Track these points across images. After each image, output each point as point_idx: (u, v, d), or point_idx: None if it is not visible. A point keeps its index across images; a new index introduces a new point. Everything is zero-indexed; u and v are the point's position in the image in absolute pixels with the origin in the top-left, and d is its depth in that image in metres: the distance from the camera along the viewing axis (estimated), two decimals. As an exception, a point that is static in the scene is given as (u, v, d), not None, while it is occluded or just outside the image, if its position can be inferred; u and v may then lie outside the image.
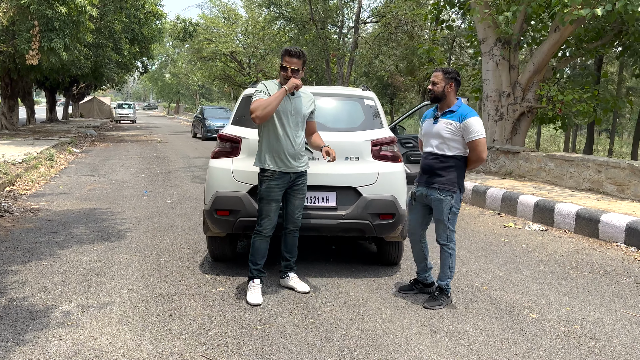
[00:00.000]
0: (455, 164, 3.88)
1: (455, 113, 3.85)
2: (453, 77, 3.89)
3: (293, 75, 3.91)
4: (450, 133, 3.83)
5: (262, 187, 3.98)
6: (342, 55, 18.47)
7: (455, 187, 3.88)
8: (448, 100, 3.91)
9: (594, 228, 6.06)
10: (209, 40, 29.22)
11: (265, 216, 3.99)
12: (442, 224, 3.92)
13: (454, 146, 3.86)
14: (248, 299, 3.91)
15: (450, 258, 3.93)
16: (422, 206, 4.08)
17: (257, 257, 4.06)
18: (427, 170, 3.98)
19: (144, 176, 10.97)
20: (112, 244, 5.56)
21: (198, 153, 16.50)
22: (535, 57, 10.21)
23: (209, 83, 55.68)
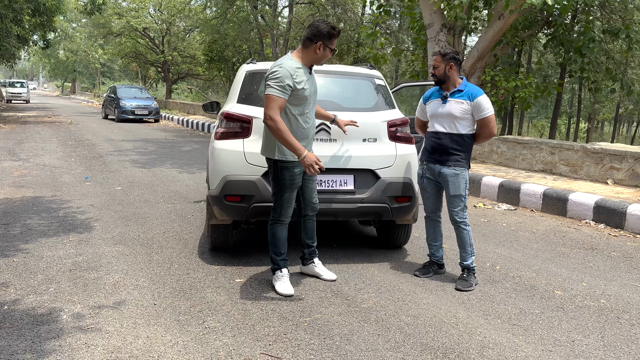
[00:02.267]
0: (466, 141, 3.94)
1: (464, 92, 3.88)
2: (452, 57, 3.90)
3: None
4: (462, 112, 3.87)
5: (283, 176, 3.59)
6: (278, 35, 18.02)
7: (467, 162, 3.97)
8: (452, 80, 3.92)
9: (562, 207, 6.41)
10: (119, 15, 27.30)
11: (288, 205, 3.69)
12: (459, 199, 3.93)
13: (465, 124, 3.91)
14: (279, 290, 3.66)
15: (468, 235, 3.96)
16: (434, 183, 4.07)
17: (281, 247, 3.79)
18: (439, 149, 3.97)
19: (74, 161, 10.05)
20: (83, 236, 4.99)
21: (121, 136, 15.44)
22: (479, 44, 10.56)
23: (111, 61, 52.28)
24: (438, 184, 4.05)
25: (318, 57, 3.56)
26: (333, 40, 3.54)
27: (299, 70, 3.48)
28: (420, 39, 12.66)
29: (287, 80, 3.39)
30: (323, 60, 3.60)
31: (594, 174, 7.42)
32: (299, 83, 3.44)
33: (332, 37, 3.53)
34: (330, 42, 3.53)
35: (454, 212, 3.96)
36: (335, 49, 3.61)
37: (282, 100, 3.40)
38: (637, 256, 4.87)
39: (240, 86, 4.40)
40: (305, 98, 3.53)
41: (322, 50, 3.52)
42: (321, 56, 3.55)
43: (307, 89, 3.50)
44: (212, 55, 23.52)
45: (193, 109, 24.90)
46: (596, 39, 10.89)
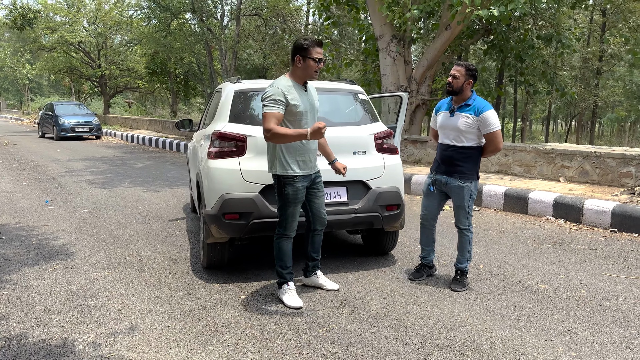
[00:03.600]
0: (472, 154, 4.13)
1: (472, 107, 4.08)
2: (473, 75, 4.09)
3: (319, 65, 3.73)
4: (467, 126, 4.05)
5: (287, 191, 3.72)
6: (228, 47, 17.95)
7: (474, 175, 4.16)
8: (464, 94, 4.11)
9: (523, 205, 6.87)
10: (51, 29, 26.24)
11: (292, 219, 3.81)
12: (463, 210, 4.16)
13: (470, 138, 4.09)
14: (289, 303, 3.77)
15: (469, 241, 4.20)
16: (440, 193, 4.29)
17: (287, 260, 3.90)
18: (446, 161, 4.18)
19: (27, 184, 9.65)
20: (67, 263, 4.89)
21: (66, 155, 14.88)
22: (428, 53, 11.06)
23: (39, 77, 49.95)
24: (444, 194, 4.27)
25: (304, 70, 3.67)
26: (310, 50, 3.61)
27: (290, 87, 3.64)
28: (369, 49, 13.07)
29: (279, 96, 3.57)
30: (311, 72, 3.67)
31: (547, 172, 7.97)
32: (291, 99, 3.60)
33: (308, 48, 3.61)
34: (307, 52, 3.61)
35: (458, 220, 4.20)
36: (320, 58, 3.67)
37: (277, 113, 3.54)
38: (600, 248, 5.32)
39: (231, 105, 4.47)
40: (300, 113, 3.66)
41: (303, 62, 3.64)
42: (306, 68, 3.65)
43: (300, 105, 3.64)
44: (154, 67, 23.07)
45: (136, 124, 24.30)
46: (535, 45, 11.65)
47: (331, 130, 4.38)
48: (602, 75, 21.99)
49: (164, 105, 35.85)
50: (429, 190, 4.35)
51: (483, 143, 4.13)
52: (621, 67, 23.24)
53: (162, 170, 11.77)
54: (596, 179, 7.42)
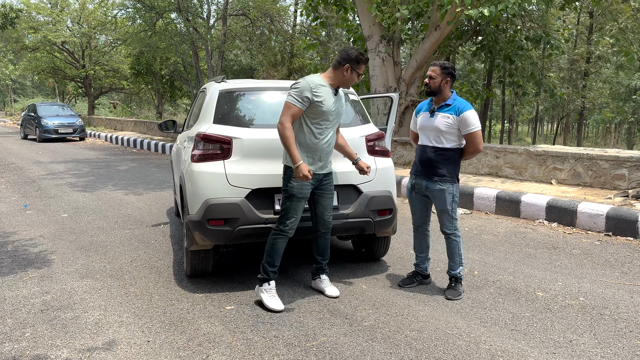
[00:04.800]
0: (452, 155, 3.99)
1: (452, 106, 3.94)
2: (450, 72, 3.96)
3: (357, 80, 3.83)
4: (447, 126, 3.91)
5: (292, 184, 3.68)
6: (214, 48, 17.67)
7: (455, 178, 4.01)
8: (444, 94, 3.98)
9: (515, 208, 6.74)
10: (34, 29, 25.76)
11: (293, 215, 3.72)
12: (446, 214, 4.01)
13: (450, 139, 3.95)
14: (269, 304, 3.69)
15: (458, 246, 4.05)
16: (422, 197, 4.14)
17: (276, 259, 3.81)
18: (425, 163, 4.03)
19: (5, 187, 9.35)
20: (43, 271, 4.65)
21: (48, 157, 14.53)
22: (417, 54, 10.93)
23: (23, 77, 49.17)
24: (426, 197, 4.12)
25: (345, 80, 3.74)
26: (361, 65, 3.73)
27: (321, 87, 3.66)
28: (357, 49, 12.89)
29: (306, 92, 3.59)
30: (350, 83, 3.78)
31: (538, 175, 7.86)
32: (317, 96, 3.61)
33: (360, 62, 3.72)
34: (358, 66, 3.72)
35: (442, 224, 4.04)
36: (361, 74, 3.80)
37: (296, 109, 3.58)
38: (596, 252, 5.19)
39: (216, 106, 4.27)
40: (323, 113, 3.67)
41: (349, 73, 3.71)
42: (348, 79, 3.74)
43: (324, 105, 3.64)
44: (140, 68, 22.72)
45: (121, 125, 23.92)
46: (524, 46, 11.58)
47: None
48: (589, 77, 22.08)
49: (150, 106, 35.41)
50: (409, 194, 4.21)
51: (463, 144, 3.99)
52: (607, 69, 23.37)
53: (147, 173, 11.50)
54: (589, 181, 7.32)
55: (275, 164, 4.02)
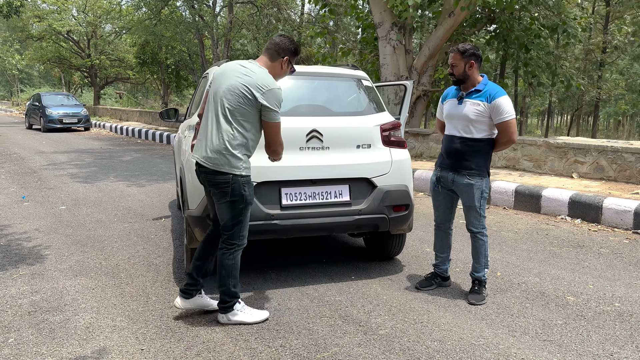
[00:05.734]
0: (482, 147, 3.62)
1: (483, 92, 3.56)
2: (472, 54, 3.57)
3: None
4: (477, 115, 3.55)
5: (247, 192, 3.12)
6: (219, 36, 17.30)
7: (484, 171, 3.65)
8: (472, 79, 3.60)
9: (536, 203, 6.38)
10: (39, 18, 25.46)
11: (247, 224, 3.23)
12: (473, 210, 3.66)
13: (481, 128, 3.58)
14: (255, 319, 3.27)
15: (484, 246, 3.70)
16: (447, 192, 3.79)
17: (237, 275, 3.25)
18: (453, 155, 3.68)
19: (5, 178, 9.08)
20: (35, 268, 4.36)
21: (51, 147, 14.28)
22: (430, 42, 10.53)
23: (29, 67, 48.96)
24: (452, 192, 3.78)
25: (281, 73, 3.28)
26: (292, 59, 3.29)
27: None
28: (366, 38, 12.52)
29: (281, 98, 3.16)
30: (281, 78, 3.33)
31: (558, 168, 7.48)
32: None
33: (297, 55, 3.32)
34: (294, 59, 3.32)
35: (469, 222, 3.70)
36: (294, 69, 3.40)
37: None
38: (625, 252, 4.84)
39: (217, 92, 3.93)
40: None
41: (286, 67, 3.27)
42: (283, 73, 3.29)
43: None
44: (145, 57, 22.39)
45: (126, 115, 23.65)
46: (541, 34, 11.14)
47: (331, 121, 3.87)
48: (604, 67, 21.53)
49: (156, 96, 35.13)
50: (434, 189, 3.85)
51: (495, 135, 3.62)
52: (622, 61, 22.78)
53: (150, 164, 11.21)
54: (613, 175, 6.94)
55: (282, 155, 3.70)
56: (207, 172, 3.11)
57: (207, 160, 3.08)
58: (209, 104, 3.16)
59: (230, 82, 3.07)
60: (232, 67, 3.16)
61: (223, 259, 3.20)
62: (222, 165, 3.05)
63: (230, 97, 3.05)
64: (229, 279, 3.21)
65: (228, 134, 3.04)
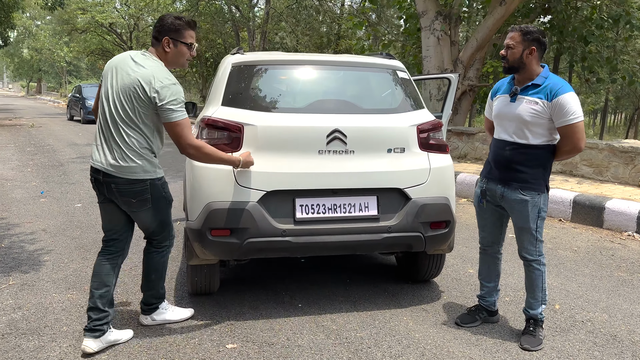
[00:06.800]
0: (540, 155, 2.91)
1: (542, 88, 2.85)
2: (536, 39, 2.86)
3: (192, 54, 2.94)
4: (534, 115, 2.84)
5: (166, 192, 2.96)
6: (256, 27, 16.88)
7: (542, 185, 2.95)
8: (529, 70, 2.89)
9: (597, 216, 5.56)
10: (83, 10, 25.73)
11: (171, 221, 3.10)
12: (528, 233, 2.97)
13: (538, 132, 2.88)
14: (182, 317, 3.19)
15: (541, 277, 3.01)
16: (495, 208, 3.10)
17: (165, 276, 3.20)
18: (503, 164, 2.99)
19: (30, 171, 8.85)
20: (28, 277, 3.93)
21: (86, 139, 14.18)
22: (478, 33, 9.71)
23: (77, 59, 50.12)
24: (500, 209, 3.10)
25: (172, 57, 2.85)
26: (184, 32, 2.83)
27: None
28: (409, 29, 11.77)
29: (183, 94, 2.80)
30: (182, 60, 2.90)
31: (623, 175, 6.60)
32: None
33: (181, 29, 2.82)
34: (181, 35, 2.82)
35: (521, 247, 3.01)
36: (193, 44, 2.90)
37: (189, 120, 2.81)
38: None
39: (225, 84, 3.38)
40: None
41: (173, 47, 2.83)
42: (175, 55, 2.85)
43: None
44: (184, 50, 22.22)
45: (165, 108, 23.58)
46: (604, 25, 10.13)
47: (358, 120, 3.25)
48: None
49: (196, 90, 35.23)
50: (479, 204, 3.17)
51: (556, 140, 2.92)
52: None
53: (179, 159, 10.82)
54: (689, 185, 6.03)
55: (297, 159, 3.12)
56: (118, 183, 2.77)
57: (116, 169, 2.76)
58: (103, 104, 2.81)
59: (123, 81, 2.74)
60: (124, 61, 2.80)
61: (154, 263, 3.08)
62: (137, 173, 2.77)
63: (125, 96, 2.72)
64: (159, 282, 3.12)
65: (131, 137, 2.74)
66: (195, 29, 2.91)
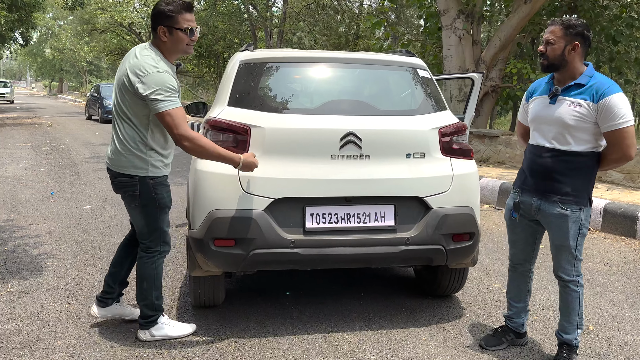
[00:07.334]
0: (583, 163, 2.62)
1: (587, 88, 2.56)
2: (579, 33, 2.56)
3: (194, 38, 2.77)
4: (577, 118, 2.55)
5: (160, 193, 2.82)
6: (272, 27, 16.72)
7: (585, 198, 2.65)
8: (571, 68, 2.60)
9: (630, 226, 5.22)
10: (102, 10, 25.86)
11: (166, 229, 2.93)
12: (566, 252, 2.68)
13: (582, 138, 2.58)
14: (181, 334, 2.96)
15: (578, 299, 2.72)
16: (529, 223, 2.82)
17: (160, 285, 2.98)
18: (541, 173, 2.69)
19: (44, 170, 8.77)
20: (27, 284, 3.76)
21: (102, 139, 14.13)
22: (501, 32, 9.37)
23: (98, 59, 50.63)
24: (535, 223, 2.81)
25: (171, 47, 2.72)
26: (178, 18, 2.67)
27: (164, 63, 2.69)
28: (429, 28, 11.46)
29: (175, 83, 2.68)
30: (182, 47, 2.75)
31: (657, 182, 6.24)
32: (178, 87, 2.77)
33: (173, 15, 2.67)
34: (175, 21, 2.67)
35: (558, 266, 2.72)
36: (192, 28, 2.73)
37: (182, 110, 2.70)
38: None
39: (233, 83, 3.15)
40: None
41: (169, 35, 2.69)
42: (174, 43, 2.71)
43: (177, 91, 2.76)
44: (201, 50, 22.18)
45: (182, 108, 23.57)
46: (634, 24, 9.70)
47: (374, 122, 3.00)
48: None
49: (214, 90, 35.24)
50: (511, 217, 2.87)
51: (602, 147, 2.62)
52: None
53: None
54: None
55: (308, 164, 2.88)
56: (113, 175, 2.84)
57: (110, 161, 2.82)
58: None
59: (119, 74, 2.74)
60: (128, 55, 2.78)
61: (144, 269, 2.90)
62: (125, 167, 2.76)
63: (118, 88, 2.73)
64: (152, 291, 2.92)
65: (124, 131, 2.73)
66: (191, 11, 2.75)
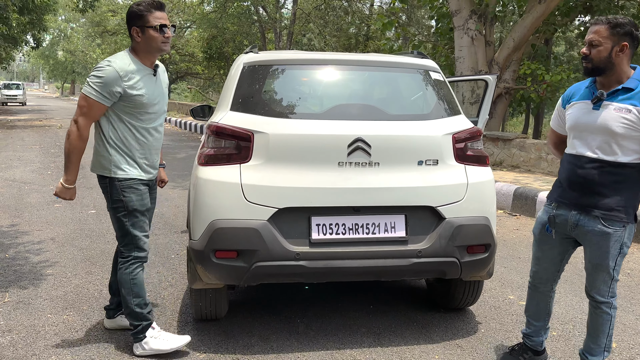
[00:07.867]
0: (631, 176, 2.40)
1: (636, 92, 2.34)
2: (628, 32, 2.34)
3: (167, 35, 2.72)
4: (626, 126, 2.33)
5: (128, 196, 2.77)
6: (281, 29, 16.62)
7: (631, 214, 2.43)
8: (618, 71, 2.38)
9: (651, 234, 5.00)
10: (113, 12, 25.95)
11: (143, 233, 2.85)
12: (603, 272, 2.47)
13: (630, 148, 2.36)
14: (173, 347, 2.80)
15: (610, 322, 2.53)
16: (561, 240, 2.61)
17: (144, 293, 2.86)
18: (582, 185, 2.46)
19: (50, 174, 8.72)
20: (26, 294, 3.65)
21: (112, 141, 14.07)
22: (515, 32, 9.17)
23: (109, 61, 50.91)
24: (570, 240, 2.61)
25: (145, 45, 2.70)
26: (147, 17, 2.65)
27: (131, 72, 2.69)
28: (441, 29, 11.27)
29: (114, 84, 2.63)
30: (156, 44, 2.70)
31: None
32: (132, 88, 2.69)
33: (143, 14, 2.65)
34: (145, 20, 2.65)
35: (593, 285, 2.53)
36: (164, 24, 2.68)
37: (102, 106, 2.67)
38: None
39: (236, 86, 3.01)
40: (145, 106, 2.77)
41: (142, 35, 2.68)
42: (146, 41, 2.69)
43: (145, 95, 2.74)
44: (211, 52, 22.14)
45: (192, 110, 23.58)
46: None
47: (384, 127, 2.84)
48: None
49: (225, 91, 35.27)
50: (543, 233, 2.65)
51: None
52: None
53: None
54: None
55: (314, 172, 2.73)
56: None
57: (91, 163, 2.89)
58: None
59: None
60: None
61: (120, 274, 2.84)
62: (95, 167, 2.83)
63: None
64: (130, 298, 2.81)
65: (96, 132, 2.79)
66: (162, 9, 2.72)
